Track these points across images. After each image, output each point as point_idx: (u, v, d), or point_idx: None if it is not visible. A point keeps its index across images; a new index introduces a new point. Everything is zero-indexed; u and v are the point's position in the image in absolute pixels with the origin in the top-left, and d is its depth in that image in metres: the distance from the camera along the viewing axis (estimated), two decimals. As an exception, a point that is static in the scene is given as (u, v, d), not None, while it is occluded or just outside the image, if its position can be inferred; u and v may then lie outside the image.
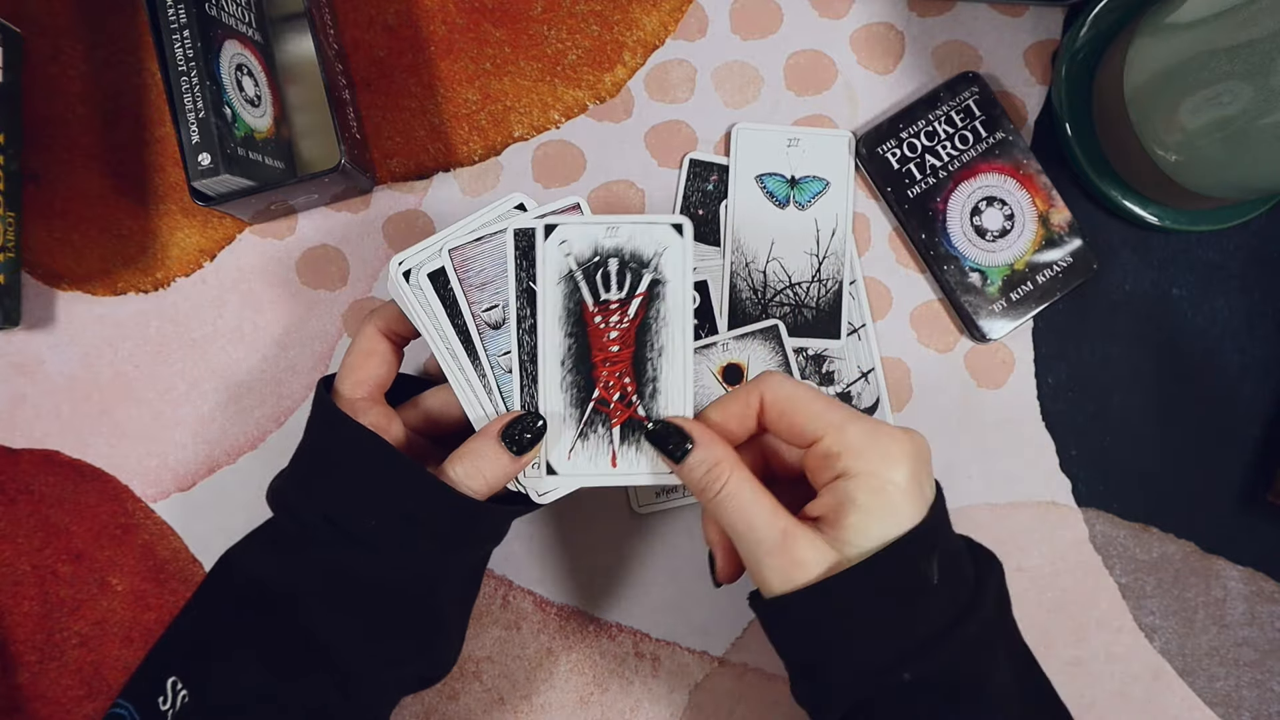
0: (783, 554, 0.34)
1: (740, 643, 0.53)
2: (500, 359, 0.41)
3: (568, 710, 0.52)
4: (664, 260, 0.41)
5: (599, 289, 0.41)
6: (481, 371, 0.41)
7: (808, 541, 0.34)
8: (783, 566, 0.34)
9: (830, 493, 0.35)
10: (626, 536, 0.53)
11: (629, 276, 0.41)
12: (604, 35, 0.56)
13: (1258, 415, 0.55)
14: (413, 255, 0.41)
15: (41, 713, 0.51)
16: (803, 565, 0.34)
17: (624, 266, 0.41)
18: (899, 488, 0.34)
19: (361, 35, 0.55)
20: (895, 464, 0.34)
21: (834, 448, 0.35)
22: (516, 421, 0.39)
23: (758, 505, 0.35)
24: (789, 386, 0.36)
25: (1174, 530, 0.54)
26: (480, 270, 0.41)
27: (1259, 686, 0.53)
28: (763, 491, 0.36)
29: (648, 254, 0.41)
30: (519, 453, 0.39)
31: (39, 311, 0.53)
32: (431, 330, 0.41)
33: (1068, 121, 0.54)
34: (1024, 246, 0.54)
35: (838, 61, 0.56)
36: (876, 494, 0.34)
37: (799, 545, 0.34)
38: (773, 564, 0.34)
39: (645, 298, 0.41)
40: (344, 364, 0.42)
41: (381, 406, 0.42)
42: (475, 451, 0.39)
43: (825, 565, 0.34)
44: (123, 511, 0.53)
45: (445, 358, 0.41)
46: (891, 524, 0.34)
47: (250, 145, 0.48)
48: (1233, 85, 0.44)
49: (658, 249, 0.41)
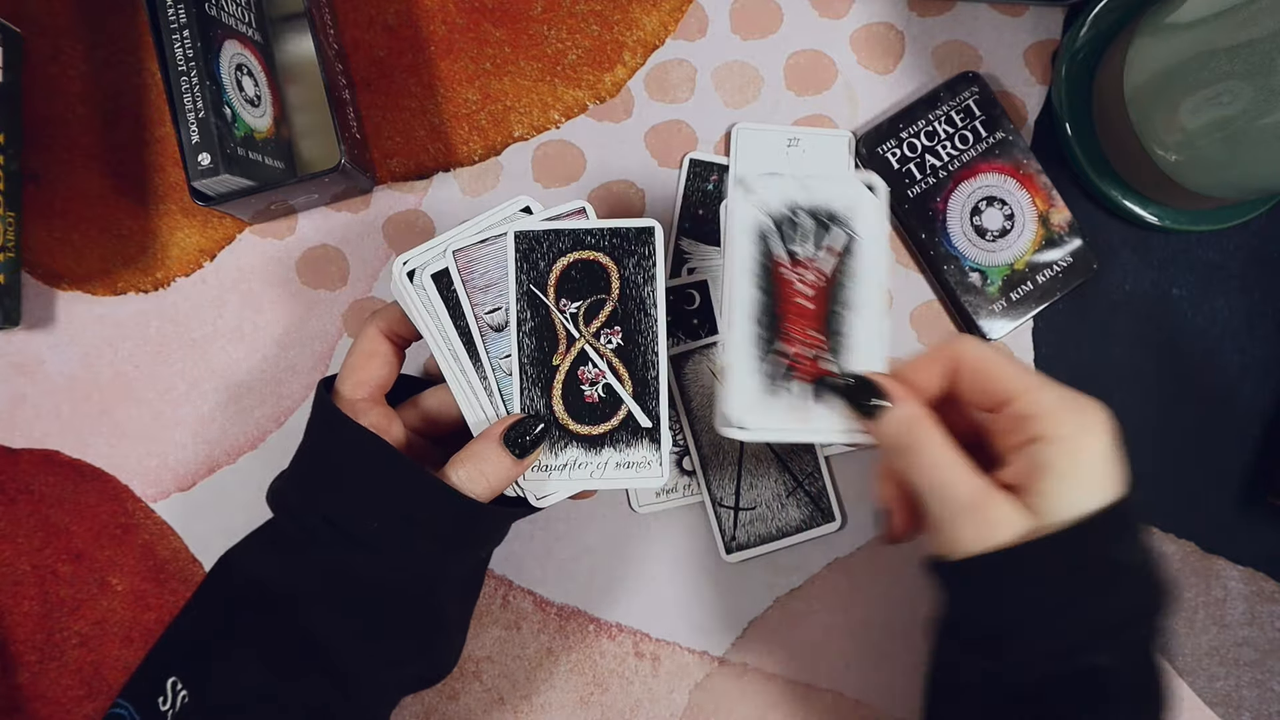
0: (979, 513, 0.33)
1: (740, 643, 0.53)
2: (501, 361, 0.41)
3: (568, 710, 0.52)
4: (857, 216, 0.40)
5: (793, 242, 0.40)
6: (482, 374, 0.41)
7: (1005, 503, 0.33)
8: (978, 525, 0.33)
9: (1024, 457, 0.34)
10: (626, 536, 0.53)
11: (823, 231, 0.40)
12: (604, 35, 0.56)
13: (1258, 415, 0.55)
14: (417, 255, 0.41)
15: (41, 713, 0.51)
16: (997, 526, 0.33)
17: (818, 221, 0.40)
18: (1097, 456, 0.33)
19: (361, 35, 0.55)
20: (1093, 432, 0.33)
21: (1029, 410, 0.34)
22: (519, 424, 0.39)
23: (955, 464, 0.34)
24: (983, 348, 0.36)
25: (1174, 530, 0.54)
26: (484, 272, 0.41)
27: (1259, 686, 0.53)
28: (959, 450, 0.35)
29: (840, 210, 0.40)
30: (521, 455, 0.39)
31: (39, 311, 0.53)
32: (433, 332, 0.41)
33: (1068, 121, 0.54)
34: (1024, 246, 0.54)
35: (838, 61, 0.56)
36: (1074, 460, 0.33)
37: (996, 506, 0.33)
38: (968, 522, 0.33)
39: (839, 254, 0.40)
40: (345, 365, 0.42)
41: (382, 407, 0.42)
42: (477, 454, 0.39)
43: (1021, 529, 0.33)
44: (123, 511, 0.53)
45: (446, 359, 0.41)
46: (1089, 494, 0.33)
47: (250, 145, 0.48)
48: (1233, 85, 0.44)
49: (851, 204, 0.40)
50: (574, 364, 0.41)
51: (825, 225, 0.40)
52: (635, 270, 0.40)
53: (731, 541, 0.52)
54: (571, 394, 0.41)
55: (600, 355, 0.40)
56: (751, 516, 0.52)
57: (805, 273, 0.40)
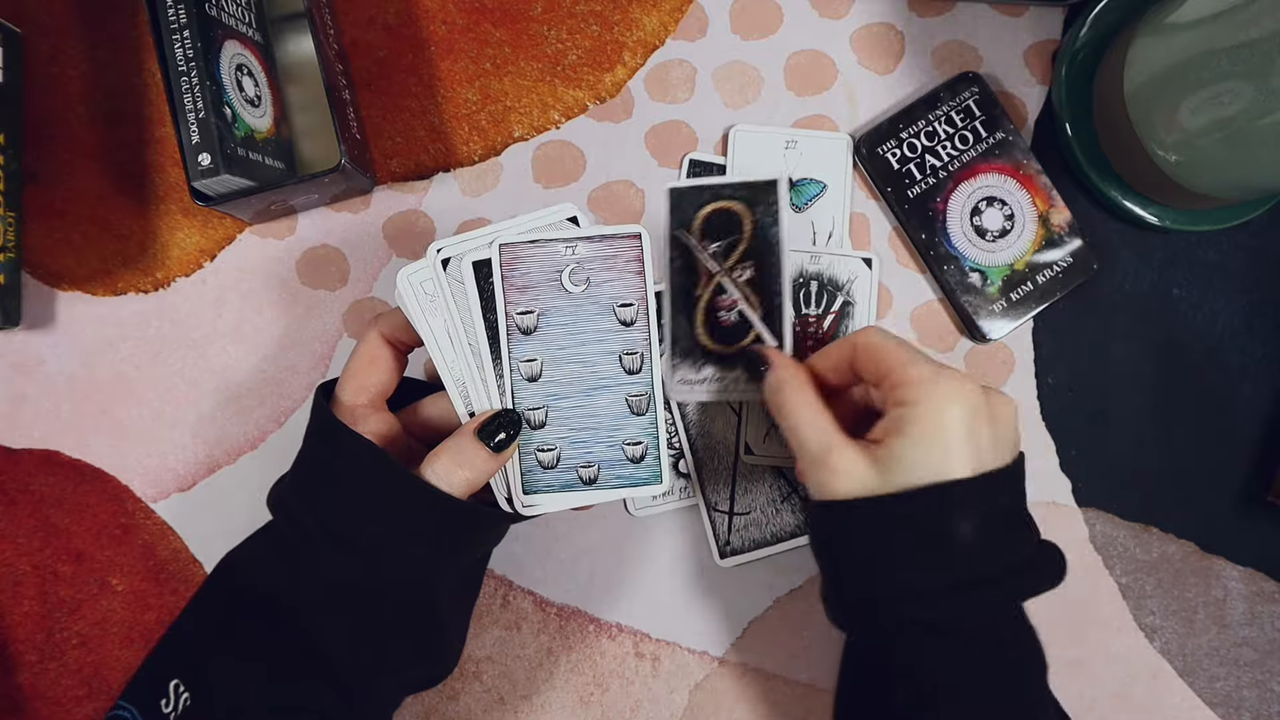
0: (825, 462, 0.37)
1: (740, 643, 0.53)
2: (521, 365, 0.41)
3: (568, 710, 0.52)
4: (855, 286, 0.53)
5: (799, 305, 0.53)
6: (500, 373, 0.41)
7: (847, 454, 0.37)
8: (823, 473, 0.37)
9: (886, 420, 0.37)
10: (626, 537, 0.53)
11: (825, 297, 0.53)
12: (604, 35, 0.56)
13: (1258, 415, 0.55)
14: (454, 244, 0.41)
15: (41, 713, 0.51)
16: (837, 474, 0.37)
17: (822, 288, 0.53)
18: (946, 427, 0.35)
19: (361, 35, 0.55)
20: (949, 402, 0.35)
21: (901, 379, 0.37)
22: (493, 418, 0.40)
23: (815, 417, 0.39)
24: (880, 335, 0.39)
25: (1174, 530, 0.54)
26: (526, 272, 0.41)
27: (1259, 686, 0.53)
28: (820, 409, 0.39)
29: (842, 279, 0.53)
30: (496, 450, 0.39)
31: (39, 311, 0.53)
32: (435, 337, 0.41)
33: (1068, 121, 0.54)
34: (1024, 246, 0.54)
35: (838, 62, 0.56)
36: (922, 425, 0.35)
37: (837, 455, 0.37)
38: (815, 470, 0.38)
39: (837, 316, 0.53)
40: (346, 369, 0.42)
41: (382, 413, 0.42)
42: (453, 448, 0.39)
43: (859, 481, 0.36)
44: (123, 511, 0.53)
45: (443, 368, 0.41)
46: (932, 460, 0.35)
47: (250, 145, 0.48)
48: (1233, 85, 0.44)
49: (850, 276, 0.53)
50: (713, 294, 0.46)
51: (829, 291, 0.53)
52: (763, 215, 0.45)
53: (725, 546, 0.52)
54: (710, 319, 0.46)
55: (735, 286, 0.45)
56: (746, 521, 0.52)
57: (811, 328, 0.53)
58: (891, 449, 0.36)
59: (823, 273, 0.53)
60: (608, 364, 0.42)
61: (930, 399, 0.36)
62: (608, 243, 0.42)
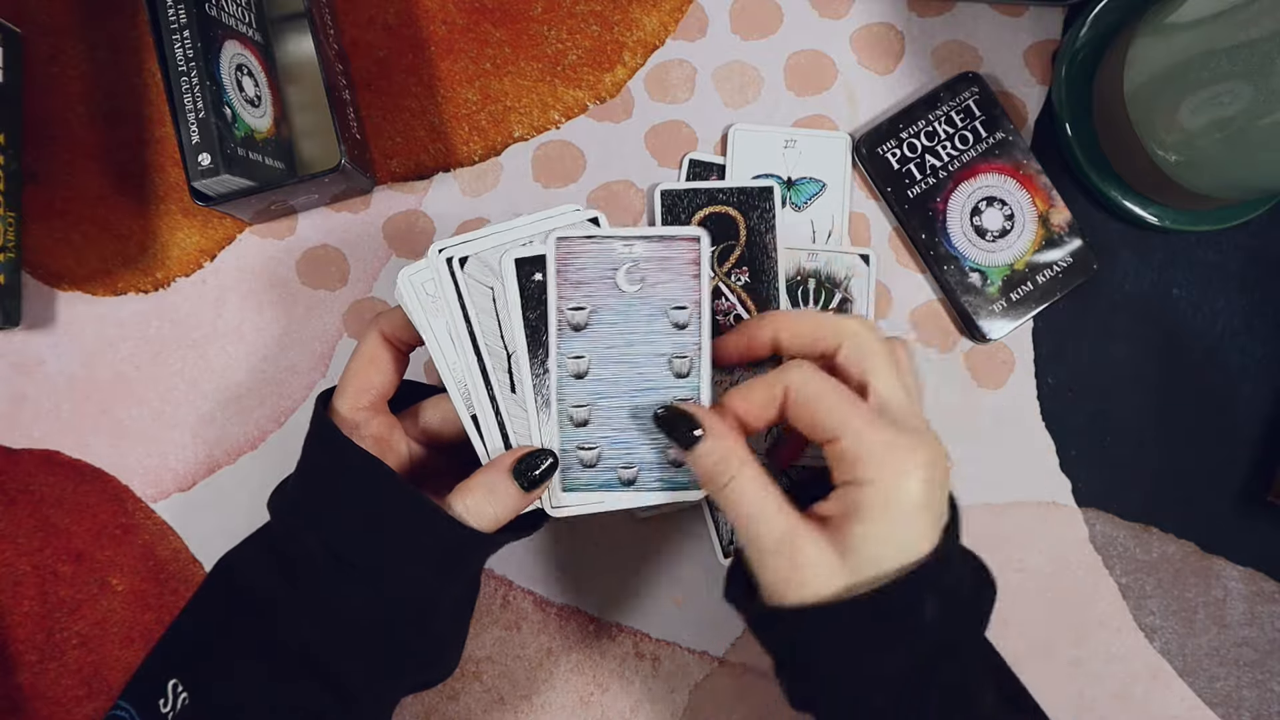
0: (783, 555, 0.34)
1: (740, 643, 0.53)
2: (571, 360, 0.40)
3: (568, 710, 0.52)
4: (853, 284, 0.52)
5: (797, 303, 0.52)
6: (542, 370, 0.40)
7: (811, 544, 0.34)
8: (782, 568, 0.34)
9: (840, 497, 0.34)
10: (626, 536, 0.53)
11: (823, 294, 0.52)
12: (604, 35, 0.56)
13: (1258, 415, 0.55)
14: (456, 244, 0.40)
15: (41, 713, 0.51)
16: (802, 571, 0.34)
17: (820, 285, 0.52)
18: (909, 505, 0.33)
19: (361, 35, 0.55)
20: (908, 478, 0.33)
21: (850, 450, 0.34)
22: (528, 457, 0.38)
23: (765, 500, 0.35)
24: (816, 382, 0.35)
25: (1174, 530, 0.54)
26: (581, 268, 0.40)
27: (1259, 686, 0.53)
28: (771, 488, 0.35)
29: (840, 276, 0.52)
30: (528, 489, 0.38)
31: (39, 311, 0.53)
32: (439, 338, 0.40)
33: (1068, 121, 0.54)
34: (1024, 246, 0.54)
35: (838, 62, 0.56)
36: (885, 508, 0.33)
37: (802, 546, 0.34)
38: (773, 564, 0.34)
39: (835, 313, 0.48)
40: (346, 371, 0.41)
41: (384, 416, 0.41)
42: (486, 485, 0.38)
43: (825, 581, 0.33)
44: (123, 511, 0.53)
45: (445, 369, 0.40)
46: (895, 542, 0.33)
47: (250, 145, 0.48)
48: (1233, 85, 0.44)
49: (848, 273, 0.52)
50: (710, 298, 0.42)
51: (827, 289, 0.51)
52: (759, 221, 0.47)
53: (729, 545, 0.52)
54: None
55: (731, 290, 0.46)
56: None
57: None
58: (852, 536, 0.33)
59: (820, 270, 0.53)
60: (656, 366, 0.41)
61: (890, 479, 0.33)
62: (666, 243, 0.41)
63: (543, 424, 0.40)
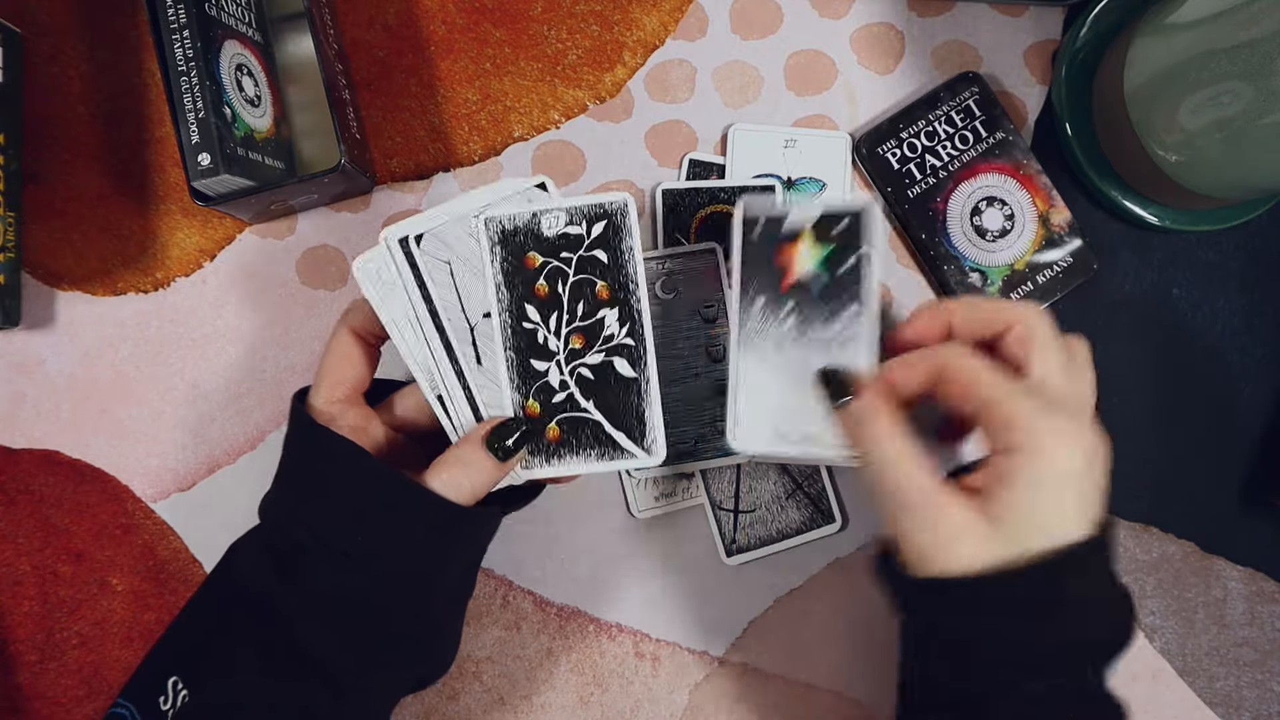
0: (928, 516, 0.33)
1: (740, 643, 0.53)
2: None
3: (568, 710, 0.52)
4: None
5: None
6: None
7: (958, 511, 0.33)
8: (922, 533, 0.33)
9: (993, 465, 0.33)
10: (626, 536, 0.53)
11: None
12: (604, 35, 0.56)
13: (1258, 415, 0.55)
14: (407, 227, 0.40)
15: (41, 713, 0.51)
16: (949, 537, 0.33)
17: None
18: (1065, 475, 0.32)
19: (361, 35, 0.55)
20: (1060, 448, 0.32)
21: (1001, 417, 0.33)
22: (501, 427, 0.39)
23: (906, 460, 0.34)
24: (973, 356, 0.35)
25: (1174, 530, 0.54)
26: None
27: (1259, 686, 0.53)
28: (915, 449, 0.35)
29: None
30: (503, 458, 0.39)
31: (39, 311, 0.53)
32: (409, 322, 0.40)
33: (1068, 121, 0.54)
34: (1024, 246, 0.54)
35: (838, 62, 0.56)
36: (1038, 474, 0.32)
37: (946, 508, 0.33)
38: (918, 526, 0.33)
39: None
40: (319, 369, 0.41)
41: (359, 408, 0.41)
42: (460, 458, 0.38)
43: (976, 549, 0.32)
44: (123, 511, 0.53)
45: (405, 351, 0.40)
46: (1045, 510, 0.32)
47: (250, 145, 0.48)
48: (1233, 85, 0.44)
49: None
50: None
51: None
52: None
53: (732, 544, 0.52)
54: None
55: None
56: (751, 519, 0.52)
57: None
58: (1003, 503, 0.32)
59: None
60: (696, 355, 0.51)
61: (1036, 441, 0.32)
62: (690, 258, 0.51)
63: (512, 391, 0.41)
